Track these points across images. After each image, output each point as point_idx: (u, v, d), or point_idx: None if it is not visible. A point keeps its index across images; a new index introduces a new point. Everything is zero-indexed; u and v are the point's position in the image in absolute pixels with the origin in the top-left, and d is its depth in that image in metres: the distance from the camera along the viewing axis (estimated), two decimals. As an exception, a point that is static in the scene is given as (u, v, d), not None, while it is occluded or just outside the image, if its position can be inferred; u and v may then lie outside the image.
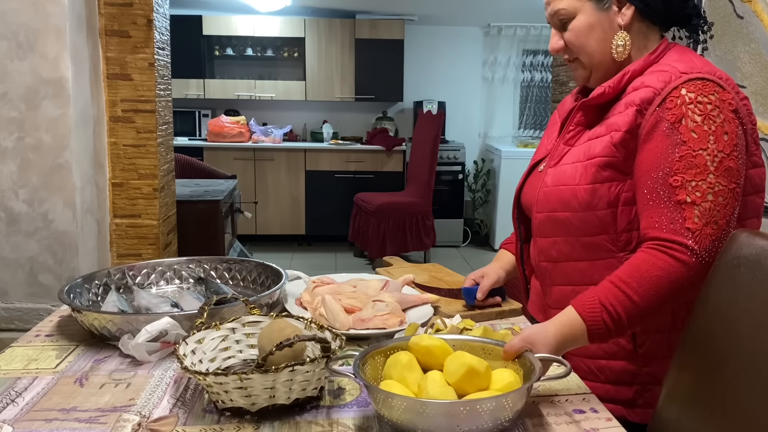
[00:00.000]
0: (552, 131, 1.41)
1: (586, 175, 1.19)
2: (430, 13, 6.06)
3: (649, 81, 1.16)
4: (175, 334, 1.19)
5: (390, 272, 1.73)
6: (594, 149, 1.20)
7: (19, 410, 1.01)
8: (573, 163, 1.23)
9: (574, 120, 1.28)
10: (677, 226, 1.09)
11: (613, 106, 1.21)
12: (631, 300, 1.08)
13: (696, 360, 1.06)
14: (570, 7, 1.20)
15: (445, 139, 6.29)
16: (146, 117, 2.46)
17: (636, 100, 1.16)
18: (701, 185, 1.09)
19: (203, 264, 1.60)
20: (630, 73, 1.20)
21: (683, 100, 1.11)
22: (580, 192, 1.19)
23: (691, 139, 1.10)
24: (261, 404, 0.98)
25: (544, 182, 1.27)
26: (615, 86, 1.20)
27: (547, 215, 1.25)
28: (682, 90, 1.12)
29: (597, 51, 1.22)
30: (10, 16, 2.16)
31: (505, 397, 0.89)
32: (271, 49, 6.33)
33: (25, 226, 2.25)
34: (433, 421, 0.87)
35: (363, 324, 1.31)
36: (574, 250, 1.23)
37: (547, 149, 1.37)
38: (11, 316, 2.30)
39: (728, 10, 2.19)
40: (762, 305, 0.94)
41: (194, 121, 6.26)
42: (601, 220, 1.19)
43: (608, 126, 1.19)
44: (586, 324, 1.08)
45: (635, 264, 1.11)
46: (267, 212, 5.98)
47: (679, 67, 1.15)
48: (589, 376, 1.26)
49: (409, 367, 0.98)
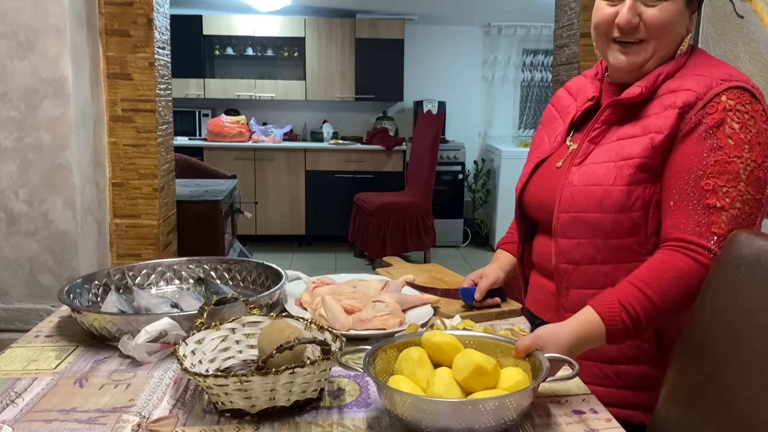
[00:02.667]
0: (553, 127, 1.38)
1: (622, 176, 1.17)
2: (430, 12, 6.06)
3: (689, 85, 1.16)
4: (175, 334, 1.19)
5: (390, 272, 1.73)
6: (630, 150, 1.18)
7: (19, 411, 1.01)
8: (604, 162, 1.20)
9: (600, 118, 1.25)
10: (703, 229, 1.10)
11: (644, 106, 1.20)
12: (650, 300, 1.08)
13: (696, 360, 1.06)
14: None
15: (445, 139, 6.29)
16: (146, 117, 2.45)
17: (678, 102, 1.15)
18: (732, 192, 1.10)
19: (203, 264, 1.60)
20: (664, 74, 1.20)
21: (724, 106, 1.12)
22: (615, 193, 1.17)
23: (728, 145, 1.11)
24: (261, 406, 0.98)
25: (570, 182, 1.23)
26: (650, 86, 1.19)
27: (574, 216, 1.22)
28: (723, 97, 1.12)
29: (673, 42, 1.21)
30: (10, 15, 2.15)
31: (508, 397, 0.89)
32: (271, 49, 6.33)
33: (25, 226, 2.25)
34: (437, 418, 0.88)
35: (363, 324, 1.31)
36: (600, 252, 1.20)
37: (552, 146, 1.35)
38: (11, 317, 2.29)
39: (728, 9, 2.19)
40: (762, 305, 0.94)
41: (194, 121, 6.26)
42: (634, 222, 1.18)
43: (645, 127, 1.18)
44: (605, 324, 1.08)
45: (654, 265, 1.11)
46: (267, 212, 5.98)
47: (717, 73, 1.16)
48: (604, 382, 1.24)
49: (420, 363, 1.00)
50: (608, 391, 1.21)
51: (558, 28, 2.76)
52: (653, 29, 1.18)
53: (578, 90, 1.39)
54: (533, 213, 1.37)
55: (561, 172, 1.28)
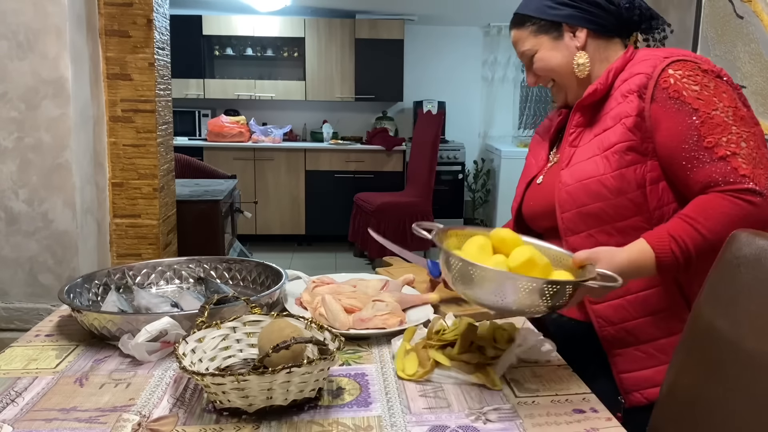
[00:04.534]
0: (539, 150, 1.48)
1: (610, 164, 1.24)
2: (430, 13, 6.06)
3: (637, 69, 1.26)
4: (175, 333, 1.19)
5: (390, 272, 1.73)
6: (609, 140, 1.25)
7: (19, 410, 1.01)
8: (590, 158, 1.27)
9: (573, 123, 1.34)
10: (732, 177, 1.15)
11: (606, 103, 1.29)
12: (699, 233, 1.13)
13: (696, 360, 1.06)
14: (531, 46, 1.35)
15: (445, 139, 6.29)
16: (146, 117, 2.45)
17: (633, 87, 1.24)
18: (732, 137, 1.16)
19: (203, 264, 1.60)
20: (613, 70, 1.29)
21: (675, 78, 1.20)
22: (608, 180, 1.24)
23: (701, 105, 1.18)
24: (258, 405, 0.98)
25: (563, 182, 1.30)
26: (604, 82, 1.29)
27: (576, 212, 1.28)
28: (669, 71, 1.21)
29: (564, 73, 1.34)
30: (10, 16, 2.15)
31: (546, 282, 1.00)
32: (271, 49, 6.33)
33: (25, 226, 2.25)
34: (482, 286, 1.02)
35: (363, 324, 1.31)
36: (612, 237, 1.25)
37: (539, 165, 1.44)
38: (11, 316, 2.30)
39: (728, 10, 2.19)
40: (762, 305, 0.94)
41: (194, 121, 6.26)
42: (633, 202, 1.24)
43: (614, 117, 1.26)
44: (655, 252, 1.14)
45: (702, 204, 1.16)
46: (267, 212, 5.98)
47: (658, 53, 1.26)
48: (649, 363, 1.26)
49: (482, 249, 1.12)
50: (657, 370, 1.23)
51: (558, 28, 2.75)
52: (544, 75, 1.37)
53: (554, 114, 1.51)
54: (535, 225, 1.43)
55: (551, 182, 1.35)
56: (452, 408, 1.04)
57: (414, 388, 1.11)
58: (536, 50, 1.35)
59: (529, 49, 1.35)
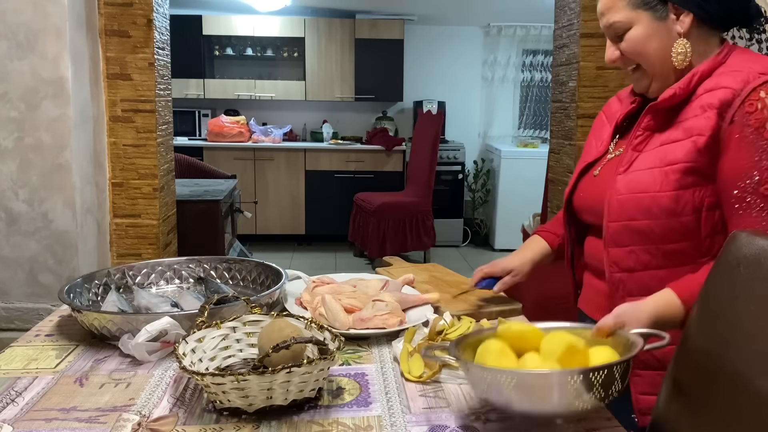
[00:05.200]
0: (601, 133, 1.37)
1: (668, 182, 1.15)
2: (430, 13, 6.06)
3: (725, 82, 1.14)
4: (175, 333, 1.19)
5: (390, 272, 1.73)
6: (674, 154, 1.16)
7: (19, 410, 1.01)
8: (649, 168, 1.19)
9: (641, 125, 1.24)
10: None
11: (683, 109, 1.19)
12: None
13: (696, 360, 1.05)
14: (625, 19, 1.18)
15: (445, 139, 6.29)
16: (146, 117, 2.46)
17: (715, 102, 1.13)
18: None
19: (203, 264, 1.60)
20: (699, 74, 1.18)
21: (764, 104, 1.09)
22: (663, 199, 1.16)
23: None
24: (258, 405, 0.98)
25: (617, 190, 1.21)
26: (685, 87, 1.18)
27: (624, 224, 1.20)
28: (761, 92, 1.10)
29: (657, 60, 1.19)
30: (10, 16, 2.15)
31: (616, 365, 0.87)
32: (271, 49, 6.33)
33: (25, 226, 2.25)
34: (545, 394, 0.85)
35: (363, 324, 1.31)
36: (655, 258, 1.19)
37: (599, 151, 1.34)
38: (11, 316, 2.30)
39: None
40: (762, 305, 0.94)
41: (194, 121, 6.26)
42: (685, 227, 1.16)
43: (686, 130, 1.16)
44: (683, 307, 1.08)
45: None
46: (267, 212, 5.98)
47: (754, 67, 1.14)
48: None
49: (503, 353, 0.96)
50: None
51: (558, 28, 2.76)
52: (631, 58, 1.21)
53: (626, 96, 1.39)
54: (583, 217, 1.36)
55: (607, 180, 1.26)
56: (452, 408, 1.04)
57: (414, 388, 1.11)
58: (631, 26, 1.18)
59: (623, 22, 1.19)
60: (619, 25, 1.19)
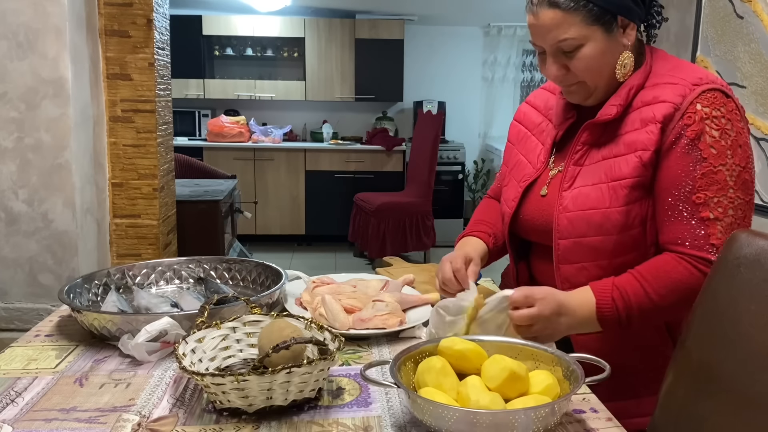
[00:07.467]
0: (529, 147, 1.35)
1: (617, 197, 1.16)
2: (430, 13, 6.07)
3: (664, 95, 1.15)
4: (175, 333, 1.19)
5: (390, 272, 1.73)
6: (619, 170, 1.17)
7: (19, 410, 1.01)
8: (594, 184, 1.19)
9: (580, 140, 1.24)
10: (701, 242, 1.12)
11: (622, 122, 1.19)
12: (645, 292, 1.11)
13: (696, 360, 1.05)
14: (578, 36, 1.13)
15: (445, 139, 6.29)
16: (146, 117, 2.46)
17: (658, 116, 1.14)
18: (723, 201, 1.11)
19: (203, 264, 1.60)
20: (635, 88, 1.18)
21: (700, 116, 1.12)
22: (614, 214, 1.16)
23: (711, 155, 1.11)
24: (258, 405, 0.98)
25: (564, 207, 1.21)
26: (623, 103, 1.18)
27: (575, 241, 1.20)
28: (698, 105, 1.12)
29: (605, 75, 1.18)
30: (10, 16, 2.16)
31: (557, 403, 0.88)
32: (271, 49, 6.33)
33: (24, 226, 2.25)
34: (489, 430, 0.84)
35: (363, 324, 1.31)
36: (605, 272, 1.19)
37: (537, 168, 1.32)
38: (11, 316, 2.30)
39: (728, 10, 2.19)
40: (762, 305, 0.94)
41: (194, 121, 6.26)
42: (634, 239, 1.18)
43: (629, 145, 1.17)
44: (596, 299, 1.12)
45: (656, 264, 1.14)
46: (267, 212, 5.98)
47: (687, 78, 1.15)
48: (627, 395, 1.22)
49: (444, 373, 0.96)
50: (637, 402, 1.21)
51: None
52: (581, 75, 1.18)
53: (546, 106, 1.36)
54: (529, 237, 1.35)
55: (551, 197, 1.26)
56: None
57: (414, 388, 1.11)
58: (582, 43, 1.14)
59: (575, 39, 1.13)
60: (569, 43, 1.14)
